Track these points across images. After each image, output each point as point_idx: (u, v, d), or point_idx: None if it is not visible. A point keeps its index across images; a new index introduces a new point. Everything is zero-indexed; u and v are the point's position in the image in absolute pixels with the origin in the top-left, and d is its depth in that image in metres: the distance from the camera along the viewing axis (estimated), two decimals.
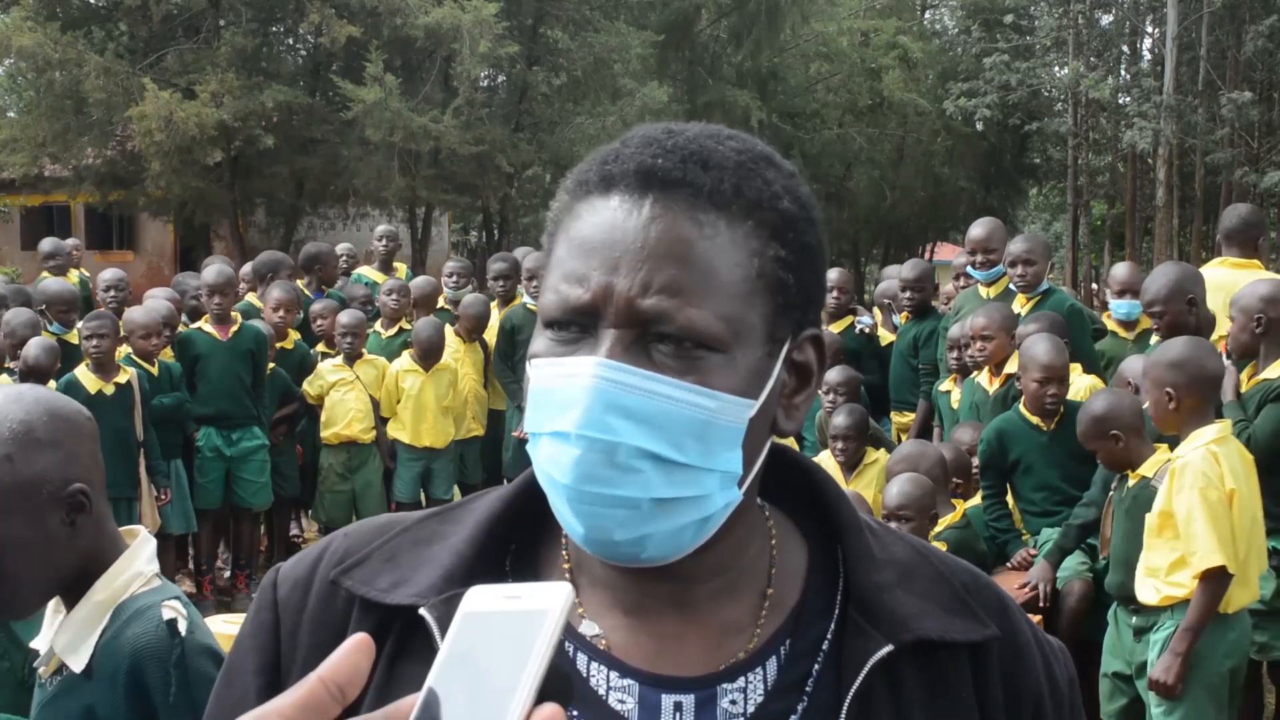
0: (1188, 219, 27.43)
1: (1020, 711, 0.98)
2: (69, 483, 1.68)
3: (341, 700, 0.67)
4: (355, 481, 7.32)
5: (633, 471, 0.86)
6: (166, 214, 20.45)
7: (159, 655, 1.68)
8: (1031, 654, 1.00)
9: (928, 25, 33.87)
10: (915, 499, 4.34)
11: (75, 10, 19.13)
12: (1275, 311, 4.31)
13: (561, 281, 0.90)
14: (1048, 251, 5.85)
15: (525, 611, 0.70)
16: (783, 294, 0.92)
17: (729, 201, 0.90)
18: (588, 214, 0.91)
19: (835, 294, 7.09)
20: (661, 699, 0.92)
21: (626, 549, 0.88)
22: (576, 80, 20.36)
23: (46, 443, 1.67)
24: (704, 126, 0.95)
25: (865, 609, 0.94)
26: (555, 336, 0.91)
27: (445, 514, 1.01)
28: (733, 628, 0.95)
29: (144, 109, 16.46)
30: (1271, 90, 26.50)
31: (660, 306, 0.87)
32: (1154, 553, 3.79)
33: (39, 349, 5.94)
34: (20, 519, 1.65)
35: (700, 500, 0.89)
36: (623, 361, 0.87)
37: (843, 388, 5.94)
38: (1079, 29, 25.59)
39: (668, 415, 0.87)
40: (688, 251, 0.88)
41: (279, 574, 1.01)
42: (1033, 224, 41.24)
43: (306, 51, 21.22)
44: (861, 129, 27.88)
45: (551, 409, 0.88)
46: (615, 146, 0.94)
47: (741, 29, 25.21)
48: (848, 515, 1.00)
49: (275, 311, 7.37)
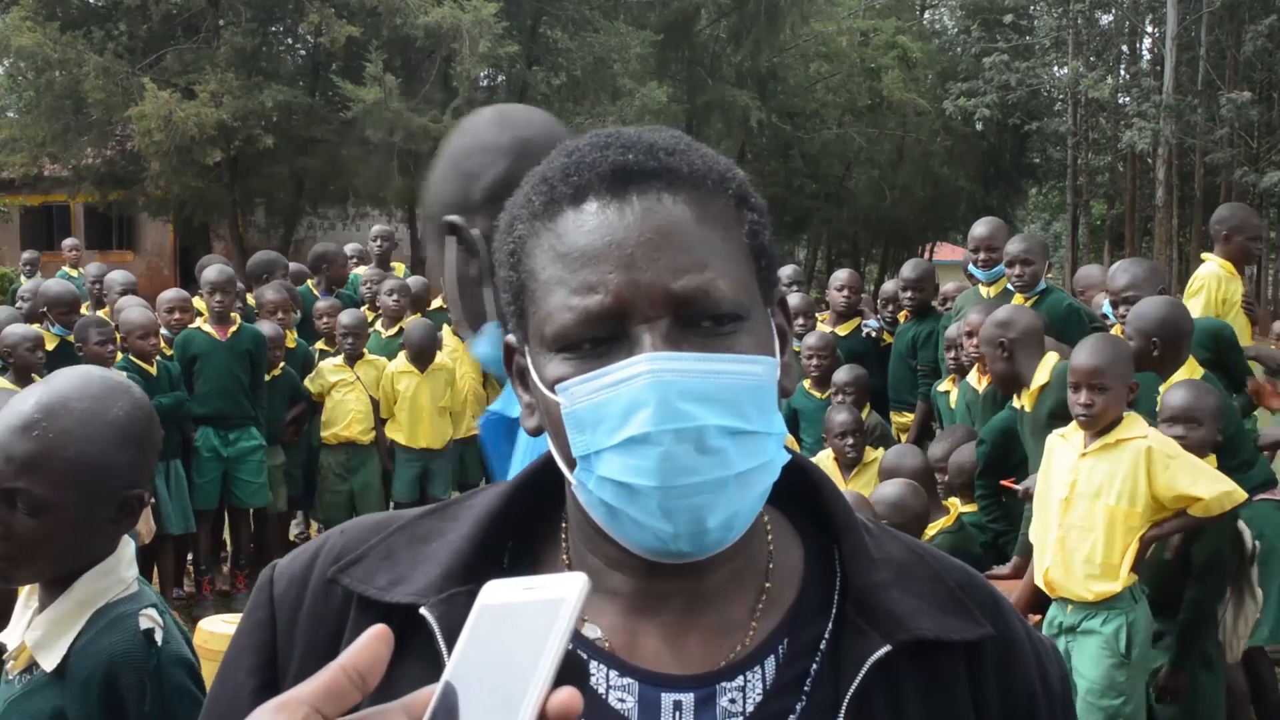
0: (1187, 219, 27.44)
1: (1015, 709, 0.98)
2: (133, 486, 1.74)
3: (363, 688, 0.68)
4: (354, 482, 7.32)
5: (717, 452, 0.87)
6: (166, 214, 20.47)
7: (135, 664, 1.69)
8: (1025, 652, 1.00)
9: (927, 25, 33.90)
10: (902, 505, 4.35)
11: (75, 10, 19.13)
12: (1014, 333, 4.57)
13: (572, 297, 0.89)
14: (1045, 251, 5.86)
15: (542, 601, 0.70)
16: (764, 256, 0.95)
17: (704, 178, 0.92)
18: (571, 228, 0.90)
19: (845, 294, 7.06)
20: (661, 698, 0.92)
21: (716, 534, 0.89)
22: (576, 80, 20.38)
23: (135, 442, 1.75)
24: (632, 127, 0.97)
25: (863, 608, 0.94)
26: (576, 355, 0.89)
27: (442, 511, 1.01)
28: (732, 625, 0.95)
29: (143, 109, 16.47)
30: (1271, 90, 26.53)
31: (693, 285, 0.88)
32: (1109, 546, 3.77)
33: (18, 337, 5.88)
34: (82, 495, 1.70)
35: (768, 465, 0.91)
36: (669, 350, 0.87)
37: (851, 387, 5.95)
38: (1078, 29, 25.61)
39: (729, 389, 0.88)
40: (692, 231, 0.90)
41: (275, 571, 1.01)
42: (1032, 224, 41.28)
43: (306, 51, 21.24)
44: (861, 129, 27.89)
45: (610, 421, 0.87)
46: (565, 161, 0.93)
47: (741, 29, 25.22)
48: (844, 514, 1.00)
49: (273, 314, 7.37)
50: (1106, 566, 3.74)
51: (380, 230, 9.46)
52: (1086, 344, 4.00)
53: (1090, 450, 3.82)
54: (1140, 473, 3.74)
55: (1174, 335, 4.40)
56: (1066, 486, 3.85)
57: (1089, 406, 3.78)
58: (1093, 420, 3.80)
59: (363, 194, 19.57)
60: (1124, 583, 3.72)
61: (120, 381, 1.82)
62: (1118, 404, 3.80)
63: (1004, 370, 4.61)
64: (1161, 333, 4.40)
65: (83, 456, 1.69)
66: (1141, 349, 4.36)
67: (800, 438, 6.13)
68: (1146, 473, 3.74)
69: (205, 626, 4.10)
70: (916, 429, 6.52)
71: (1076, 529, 3.80)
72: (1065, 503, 3.84)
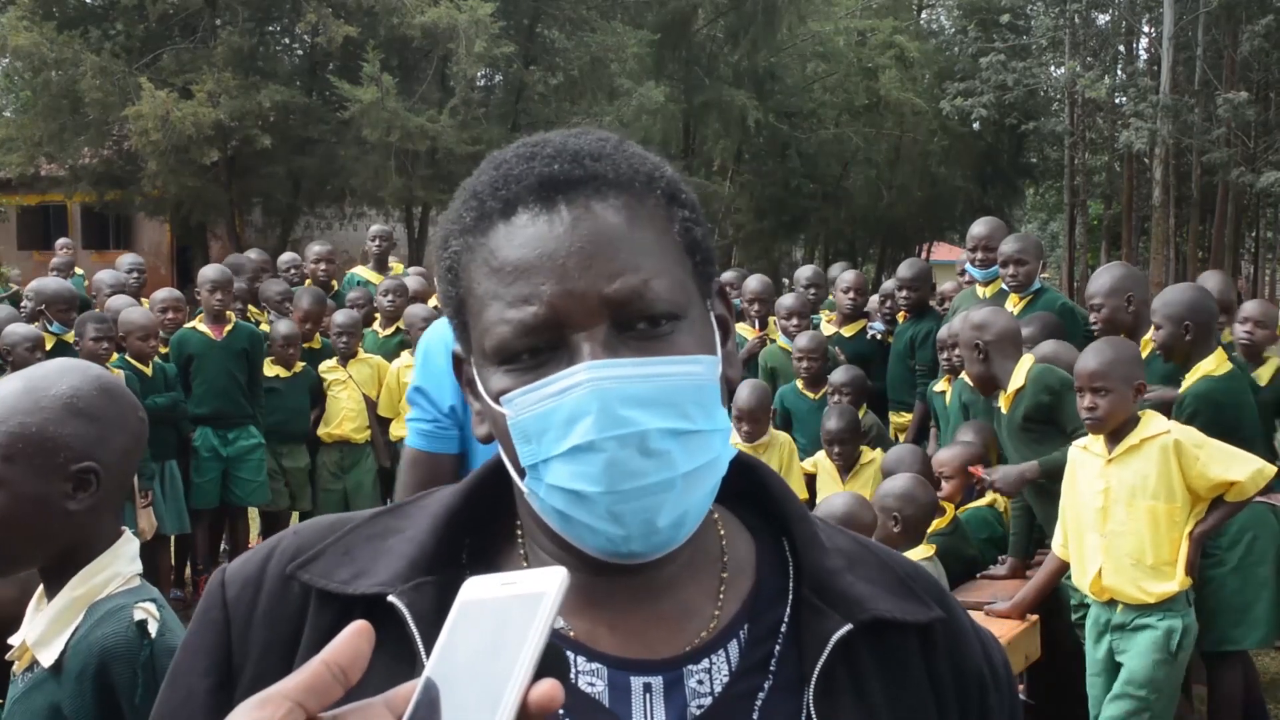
0: (1184, 219, 27.46)
1: (967, 690, 1.01)
2: (87, 459, 1.72)
3: (345, 682, 0.69)
4: (347, 481, 7.33)
5: (662, 454, 0.88)
6: (163, 214, 20.45)
7: (127, 656, 1.68)
8: (970, 638, 1.04)
9: (924, 25, 33.88)
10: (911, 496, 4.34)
11: (71, 9, 19.11)
12: (989, 335, 4.61)
13: (507, 310, 0.90)
14: (1039, 251, 5.87)
15: (522, 595, 0.71)
16: (698, 251, 0.96)
17: (631, 181, 0.93)
18: (502, 241, 0.92)
19: (852, 296, 7.02)
20: (630, 681, 0.94)
21: (667, 534, 0.90)
22: (573, 80, 20.37)
23: (84, 414, 1.72)
24: (558, 132, 0.98)
25: (820, 591, 0.97)
26: (517, 367, 0.91)
27: (396, 511, 1.02)
28: (692, 612, 0.97)
29: (140, 108, 16.45)
30: (1268, 90, 26.55)
31: (627, 287, 0.89)
32: (1157, 546, 3.81)
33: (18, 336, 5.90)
34: (28, 472, 1.69)
35: (715, 462, 0.93)
36: (607, 358, 0.88)
37: (847, 388, 5.96)
38: (1075, 28, 25.62)
39: (669, 391, 0.89)
40: (622, 235, 0.91)
41: (226, 574, 1.01)
42: (1029, 224, 41.32)
43: (303, 51, 21.20)
44: (858, 128, 27.87)
45: (554, 431, 0.89)
46: (493, 174, 0.95)
47: (738, 28, 25.22)
48: (795, 506, 1.03)
49: (304, 323, 7.47)
50: (1158, 565, 3.81)
51: (378, 230, 9.46)
52: (1089, 348, 4.01)
53: (1116, 455, 3.84)
54: (1172, 467, 3.78)
55: (1206, 318, 4.46)
56: (1100, 495, 3.87)
57: (1093, 410, 3.79)
58: (1099, 424, 3.82)
59: (359, 194, 19.54)
60: (1181, 584, 3.78)
61: (79, 364, 1.81)
62: (1124, 406, 3.81)
63: (980, 372, 4.62)
64: (1193, 316, 4.44)
65: (24, 429, 1.68)
66: (1174, 334, 4.43)
67: (795, 438, 6.14)
68: (1178, 466, 3.78)
69: None
70: (915, 429, 6.53)
71: (1120, 534, 3.84)
72: (1102, 511, 3.87)
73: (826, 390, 6.14)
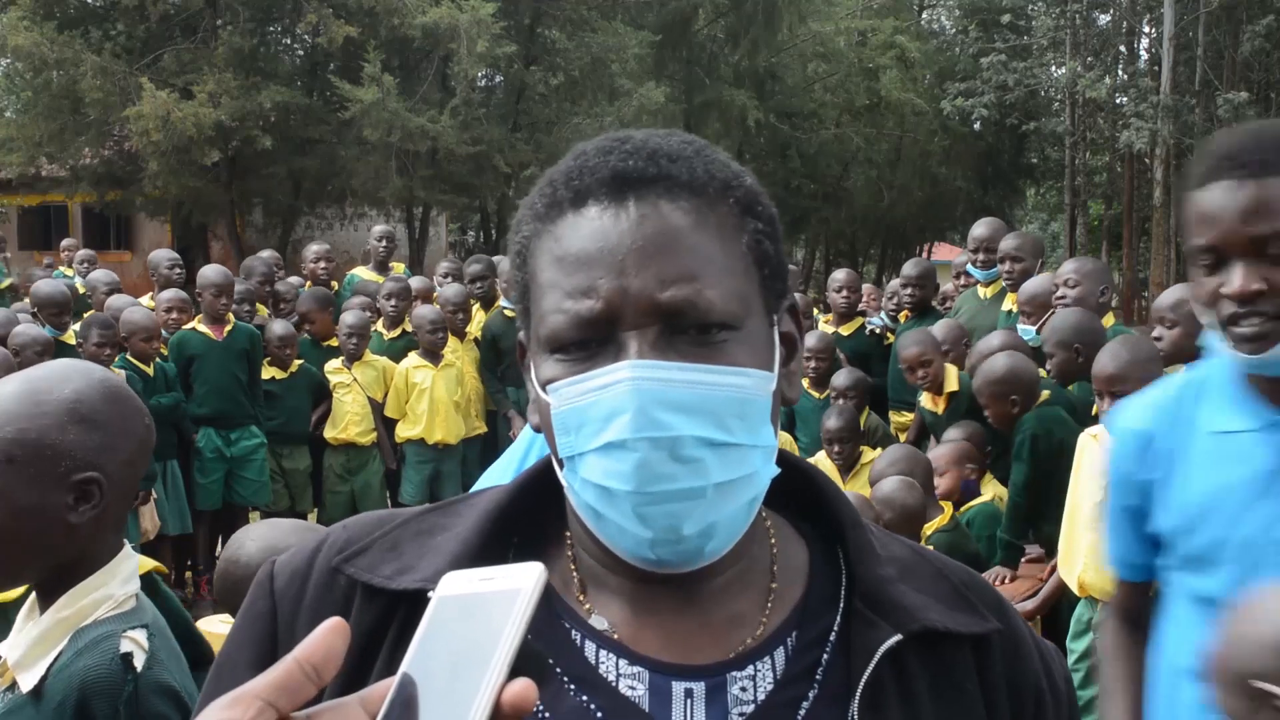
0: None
1: (1022, 706, 0.99)
2: (89, 469, 1.62)
3: (317, 681, 0.68)
4: (354, 483, 7.33)
5: (693, 461, 0.88)
6: (164, 214, 20.44)
7: (109, 692, 1.57)
8: (1030, 651, 1.02)
9: (925, 25, 33.88)
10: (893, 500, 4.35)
11: (72, 10, 19.09)
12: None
13: (565, 300, 0.90)
14: (1037, 250, 5.88)
15: (498, 592, 0.71)
16: (767, 265, 0.95)
17: (705, 186, 0.92)
18: (569, 231, 0.92)
19: (845, 294, 7.05)
20: (672, 685, 0.93)
21: (694, 542, 0.90)
22: (574, 80, 20.35)
23: (88, 421, 1.62)
24: (645, 130, 0.98)
25: (871, 601, 0.96)
26: (568, 357, 0.91)
27: (446, 508, 1.02)
28: (739, 620, 0.96)
29: (141, 109, 16.44)
30: (1268, 90, 26.54)
31: (680, 295, 0.88)
32: None
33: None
34: (26, 482, 1.59)
35: (752, 478, 0.92)
36: (655, 359, 0.88)
37: (851, 391, 5.95)
38: (1076, 29, 25.61)
39: (711, 400, 0.89)
40: (686, 239, 0.90)
41: (275, 566, 1.02)
42: (1030, 224, 41.27)
43: (304, 51, 21.19)
44: (859, 129, 27.87)
45: (593, 425, 0.89)
46: (570, 164, 0.94)
47: (739, 29, 25.20)
48: (849, 513, 1.02)
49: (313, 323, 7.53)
50: None
51: (383, 230, 9.45)
52: (1106, 350, 3.99)
53: None
54: None
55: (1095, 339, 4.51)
56: (1102, 489, 3.84)
57: None
58: None
59: (360, 194, 19.52)
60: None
61: (83, 366, 1.71)
62: None
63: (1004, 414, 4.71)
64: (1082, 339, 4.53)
65: (22, 435, 1.58)
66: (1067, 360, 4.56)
67: (796, 437, 6.13)
68: None
69: (204, 627, 4.08)
70: (915, 429, 6.51)
71: None
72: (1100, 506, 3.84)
73: (830, 392, 6.14)
